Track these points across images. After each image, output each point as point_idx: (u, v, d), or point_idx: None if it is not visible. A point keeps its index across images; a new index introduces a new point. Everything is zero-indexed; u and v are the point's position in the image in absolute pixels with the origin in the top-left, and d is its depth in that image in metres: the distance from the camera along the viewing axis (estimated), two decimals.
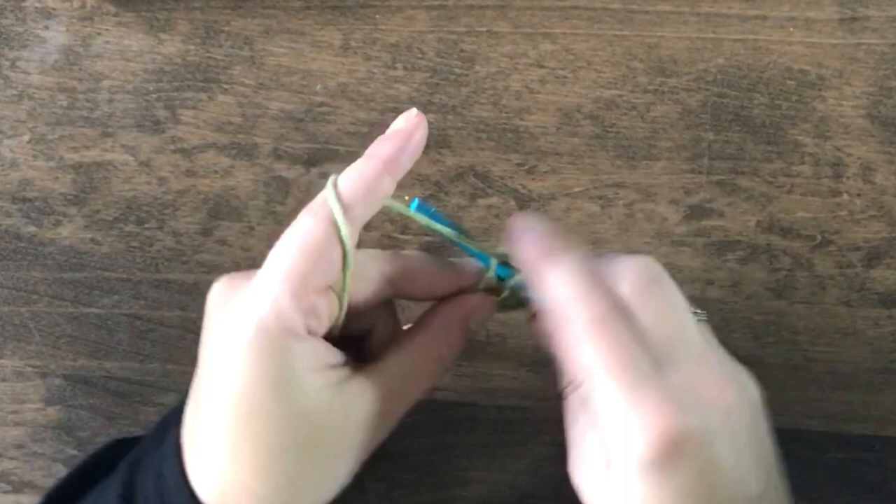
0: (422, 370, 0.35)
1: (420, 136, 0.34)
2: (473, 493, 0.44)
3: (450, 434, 0.44)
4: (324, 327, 0.32)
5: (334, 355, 0.33)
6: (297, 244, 0.31)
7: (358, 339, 0.36)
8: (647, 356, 0.31)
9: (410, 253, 0.36)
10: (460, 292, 0.36)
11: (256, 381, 0.31)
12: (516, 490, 0.44)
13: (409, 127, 0.33)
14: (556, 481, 0.44)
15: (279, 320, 0.30)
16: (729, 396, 0.31)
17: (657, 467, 0.30)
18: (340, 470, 0.33)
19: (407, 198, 0.34)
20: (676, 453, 0.30)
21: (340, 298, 0.33)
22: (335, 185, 0.32)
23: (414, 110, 0.34)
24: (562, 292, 0.32)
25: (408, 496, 0.44)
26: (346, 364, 0.34)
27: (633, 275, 0.32)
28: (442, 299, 0.36)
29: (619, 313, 0.31)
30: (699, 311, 0.33)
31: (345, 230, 0.31)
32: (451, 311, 0.36)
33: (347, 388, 0.32)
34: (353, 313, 0.35)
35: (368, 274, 0.34)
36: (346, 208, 0.31)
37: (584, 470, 0.33)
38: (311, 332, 0.31)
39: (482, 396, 0.44)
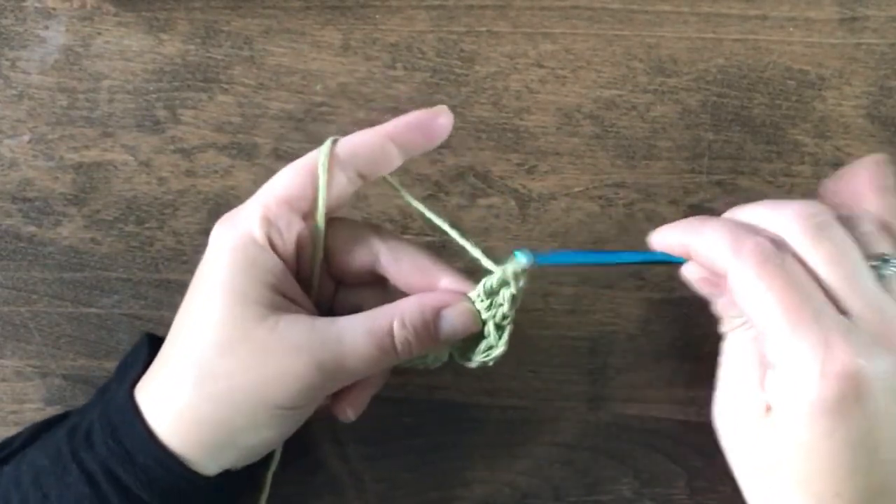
0: (366, 338, 0.34)
1: (441, 124, 0.36)
2: (473, 493, 0.44)
3: (450, 434, 0.44)
4: (290, 252, 0.35)
5: (293, 289, 0.35)
6: (283, 174, 0.35)
7: None
8: (820, 295, 0.31)
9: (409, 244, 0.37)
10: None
11: (206, 273, 0.35)
12: (516, 490, 0.44)
13: (432, 112, 0.36)
14: (556, 481, 0.44)
15: (246, 227, 0.34)
16: None
17: (831, 410, 0.29)
18: (246, 395, 0.33)
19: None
20: (853, 397, 0.29)
21: (315, 242, 0.36)
22: (334, 142, 0.35)
23: (444, 107, 0.36)
24: (720, 240, 0.32)
25: (408, 496, 0.44)
26: (303, 306, 0.35)
27: (799, 222, 0.32)
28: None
29: (783, 253, 0.31)
30: (891, 258, 0.32)
31: (322, 175, 0.35)
32: (419, 295, 0.36)
33: (286, 317, 0.34)
34: (343, 277, 0.37)
35: (358, 233, 0.37)
36: (338, 159, 0.35)
37: (733, 414, 0.32)
38: (274, 247, 0.34)
39: (483, 396, 0.44)
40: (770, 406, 0.31)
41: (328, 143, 0.35)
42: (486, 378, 0.44)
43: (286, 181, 0.35)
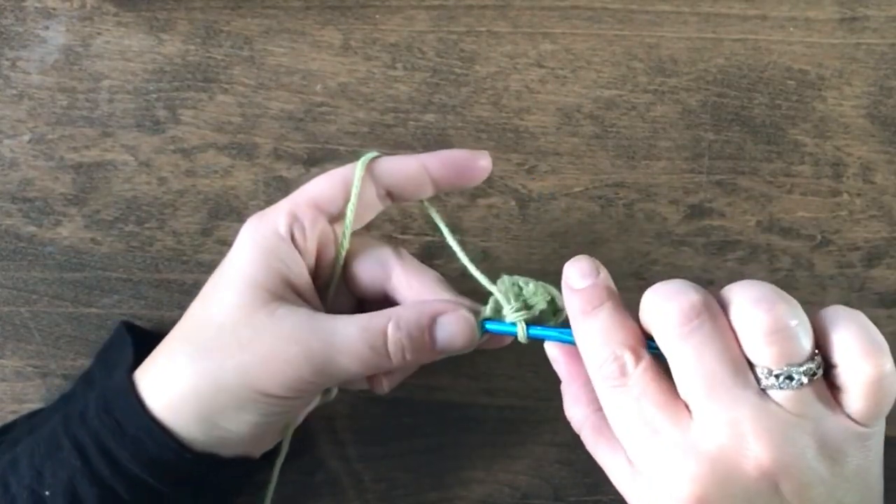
0: (359, 335, 0.34)
1: (481, 167, 0.37)
2: (473, 493, 0.44)
3: (450, 434, 0.44)
4: (310, 250, 0.36)
5: (306, 286, 0.36)
6: (318, 179, 0.37)
7: None
8: (665, 416, 0.30)
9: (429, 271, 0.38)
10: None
11: (226, 261, 0.36)
12: (516, 490, 0.44)
13: (472, 154, 0.37)
14: (556, 481, 0.44)
15: (273, 221, 0.35)
16: (764, 457, 0.29)
17: None
18: (237, 376, 0.34)
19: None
20: None
21: (339, 246, 0.37)
22: (372, 157, 0.37)
23: (486, 152, 0.37)
24: (585, 352, 0.32)
25: (408, 496, 0.44)
26: (311, 304, 0.36)
27: (673, 317, 0.31)
28: None
29: (635, 370, 0.31)
30: (798, 373, 0.29)
31: (356, 184, 0.36)
32: (419, 302, 0.36)
33: (289, 307, 0.34)
34: (358, 292, 0.38)
35: (376, 249, 0.38)
36: (372, 172, 0.36)
37: (629, 485, 0.33)
38: (295, 243, 0.35)
39: (482, 396, 0.44)
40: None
41: (367, 156, 0.37)
42: (485, 378, 0.44)
43: (319, 185, 0.36)
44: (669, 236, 0.45)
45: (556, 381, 0.44)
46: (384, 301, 0.38)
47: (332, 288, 0.37)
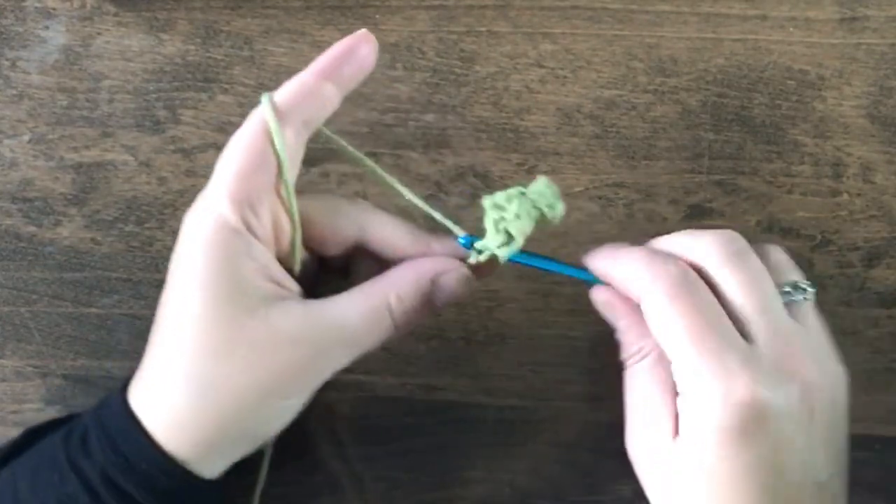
0: (364, 319, 0.33)
1: (367, 51, 0.34)
2: (473, 493, 0.44)
3: (450, 434, 0.44)
4: (267, 231, 0.33)
5: (278, 272, 0.34)
6: (234, 149, 0.33)
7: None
8: (728, 323, 0.32)
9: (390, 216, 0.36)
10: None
11: (186, 269, 0.33)
12: (516, 490, 0.44)
13: (352, 40, 0.34)
14: (556, 481, 0.44)
15: (218, 215, 0.32)
16: (808, 375, 0.31)
17: (733, 436, 0.30)
18: (251, 394, 0.32)
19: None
20: (754, 424, 0.30)
21: (290, 212, 0.34)
22: (271, 98, 0.33)
23: (363, 30, 0.34)
24: (636, 268, 0.33)
25: (408, 496, 0.44)
26: (291, 289, 0.34)
27: (717, 250, 0.33)
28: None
29: (696, 282, 0.33)
30: (806, 286, 0.35)
31: (277, 137, 0.33)
32: (411, 264, 0.35)
33: (278, 305, 0.33)
34: (323, 251, 0.36)
35: (337, 205, 0.36)
36: (282, 114, 0.33)
37: (643, 442, 0.33)
38: (252, 230, 0.32)
39: (482, 396, 0.44)
40: (678, 431, 0.32)
41: (266, 100, 0.33)
42: (485, 378, 0.44)
43: (240, 154, 0.33)
44: None
45: (557, 381, 0.44)
46: (354, 254, 0.36)
47: (297, 256, 0.35)
